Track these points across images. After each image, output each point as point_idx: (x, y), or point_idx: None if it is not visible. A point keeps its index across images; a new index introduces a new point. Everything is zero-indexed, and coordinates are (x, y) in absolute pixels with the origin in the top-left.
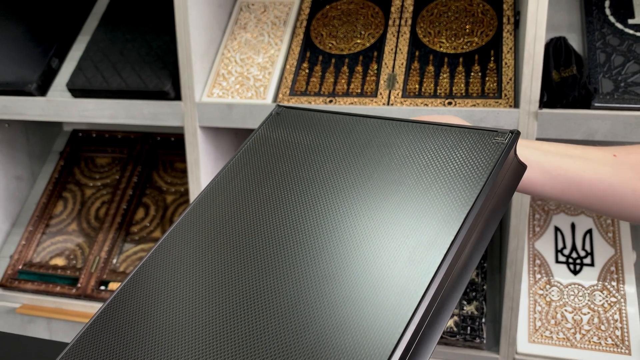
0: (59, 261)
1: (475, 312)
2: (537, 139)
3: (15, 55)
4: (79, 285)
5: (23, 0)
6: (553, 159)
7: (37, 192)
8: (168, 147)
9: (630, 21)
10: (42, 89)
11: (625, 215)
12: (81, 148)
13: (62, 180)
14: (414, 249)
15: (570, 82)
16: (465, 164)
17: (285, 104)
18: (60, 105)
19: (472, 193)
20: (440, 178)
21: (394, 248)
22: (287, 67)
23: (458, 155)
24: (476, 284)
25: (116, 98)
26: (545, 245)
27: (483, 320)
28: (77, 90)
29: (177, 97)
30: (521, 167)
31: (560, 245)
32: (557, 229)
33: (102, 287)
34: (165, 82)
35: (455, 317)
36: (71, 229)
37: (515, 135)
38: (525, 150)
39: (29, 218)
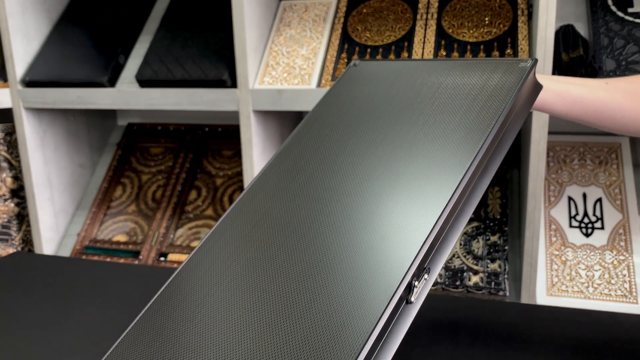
0: (121, 237)
1: (498, 269)
2: None
3: (87, 55)
4: (140, 257)
5: (91, 8)
6: (561, 85)
7: (97, 178)
8: (216, 137)
9: (630, 9)
10: (112, 82)
11: (616, 127)
12: (136, 139)
13: (120, 167)
14: (459, 143)
15: (577, 62)
16: (500, 82)
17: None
18: (129, 95)
19: (506, 99)
20: (482, 95)
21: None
22: (328, 57)
23: (495, 77)
24: (498, 245)
25: (179, 87)
26: (560, 213)
27: (505, 276)
28: (145, 81)
29: (233, 85)
30: (539, 86)
31: (573, 212)
32: (570, 199)
33: (162, 258)
34: (223, 71)
35: (481, 274)
36: (130, 210)
37: (535, 61)
38: (541, 78)
39: (92, 201)
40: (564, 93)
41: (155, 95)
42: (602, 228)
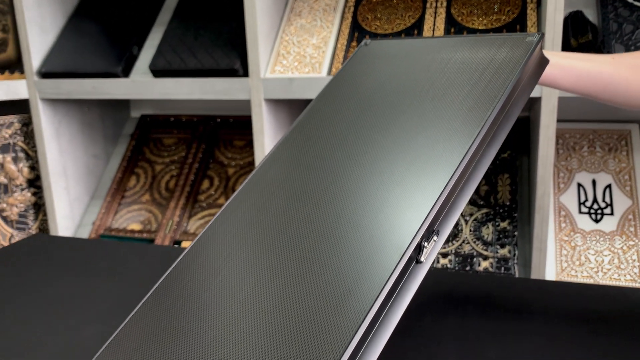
0: (135, 226)
1: (508, 255)
2: (559, 98)
3: (101, 47)
4: (155, 244)
5: (105, 1)
6: (568, 60)
7: (111, 169)
8: (227, 127)
9: None
10: (126, 72)
11: (620, 101)
12: (149, 130)
13: (134, 158)
14: (468, 111)
15: (586, 48)
16: (507, 56)
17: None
18: (142, 85)
19: (513, 72)
20: (490, 68)
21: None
22: (339, 45)
23: (502, 52)
24: (508, 231)
25: (192, 77)
26: (569, 199)
27: (515, 261)
28: (158, 70)
29: (245, 74)
30: (545, 60)
31: (582, 199)
32: (579, 185)
33: (176, 246)
34: (234, 60)
35: (490, 259)
36: (144, 199)
37: (541, 35)
38: (547, 54)
39: (106, 190)
40: (571, 67)
41: (169, 85)
42: (612, 214)
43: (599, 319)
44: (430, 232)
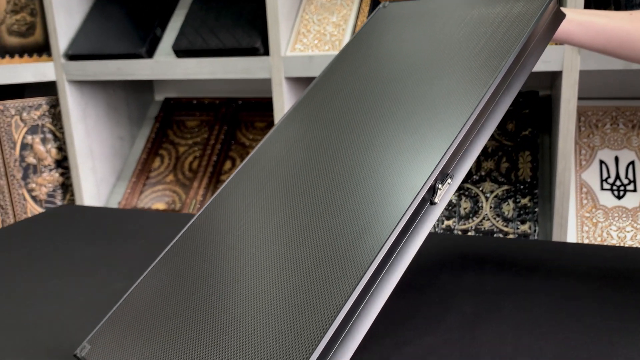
0: (160, 205)
1: (529, 231)
2: (580, 71)
3: (126, 29)
4: None
5: None
6: (585, 16)
7: (136, 151)
8: (249, 109)
9: None
10: (150, 53)
11: (637, 57)
12: (173, 113)
13: (158, 140)
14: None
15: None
16: (523, 10)
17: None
18: (166, 65)
19: (528, 25)
20: (505, 22)
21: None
22: (358, 23)
23: (518, 6)
24: (528, 207)
25: (213, 57)
26: (591, 176)
27: (535, 237)
28: (181, 51)
29: (266, 53)
30: (561, 14)
31: (605, 175)
32: (601, 162)
33: None
34: (255, 39)
35: (511, 236)
36: (169, 180)
37: None
38: (565, 10)
39: (132, 172)
40: (588, 23)
41: (191, 65)
42: (635, 190)
43: (617, 276)
44: (444, 175)
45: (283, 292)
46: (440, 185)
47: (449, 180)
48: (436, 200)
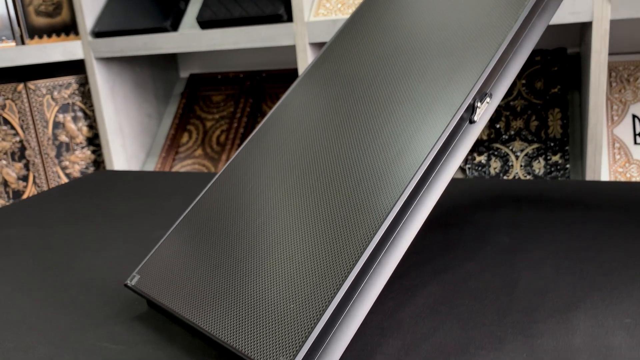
0: None
1: None
2: (611, 21)
3: (150, 4)
4: None
5: None
6: None
7: (164, 127)
8: (273, 81)
9: None
10: (174, 26)
11: None
12: (198, 89)
13: (185, 115)
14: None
15: None
16: None
17: None
18: (191, 38)
19: None
20: None
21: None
22: None
23: None
24: (559, 164)
25: (237, 26)
26: (624, 131)
27: None
28: (205, 22)
29: (289, 19)
30: None
31: (638, 130)
32: (634, 117)
33: None
34: (278, 6)
35: None
36: (197, 154)
37: None
38: None
39: (161, 147)
40: None
41: (216, 36)
42: None
43: None
44: (483, 94)
45: (325, 212)
46: (479, 104)
47: (488, 99)
48: (475, 118)
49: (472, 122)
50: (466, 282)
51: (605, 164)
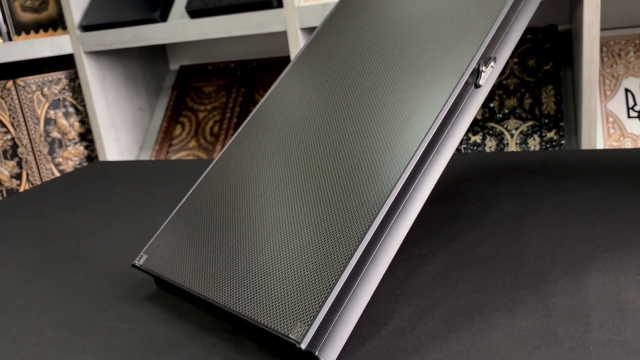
0: None
1: None
2: None
3: None
4: None
5: None
6: None
7: (157, 120)
8: (264, 70)
9: None
10: (164, 17)
11: None
12: (189, 80)
13: (177, 108)
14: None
15: None
16: None
17: None
18: (180, 28)
19: None
20: None
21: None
22: None
23: None
24: (555, 140)
25: (228, 14)
26: (617, 105)
27: None
28: (195, 11)
29: (279, 5)
30: None
31: (631, 103)
32: (627, 90)
33: None
34: None
35: None
36: (191, 145)
37: None
38: None
39: (154, 140)
40: None
41: (206, 24)
42: None
43: None
44: (487, 58)
45: (334, 181)
46: (484, 68)
47: (492, 63)
48: (481, 82)
49: (477, 86)
50: (474, 249)
51: (600, 139)
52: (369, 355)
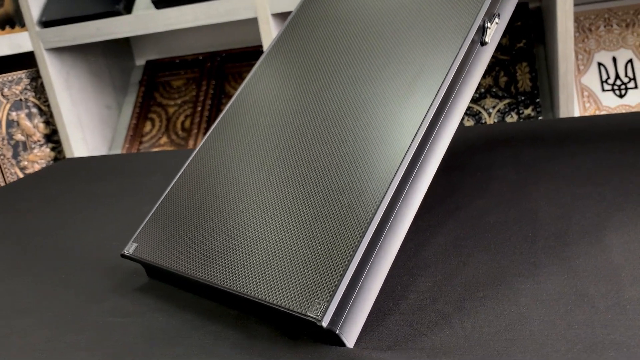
0: None
1: None
2: None
3: None
4: None
5: None
6: None
7: (125, 117)
8: (234, 61)
9: None
10: (128, 9)
11: None
12: (157, 75)
13: (146, 104)
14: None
15: None
16: None
17: None
18: (146, 19)
19: None
20: None
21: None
22: None
23: None
24: (532, 117)
25: (195, 3)
26: (591, 79)
27: None
28: (161, 1)
29: None
30: None
31: (604, 77)
32: (599, 64)
33: None
34: None
35: None
36: (162, 142)
37: None
38: None
39: (124, 138)
40: None
41: (172, 15)
42: (636, 87)
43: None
44: (492, 14)
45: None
46: (489, 24)
47: (497, 19)
48: (487, 39)
49: (483, 43)
50: (483, 217)
51: (576, 113)
52: (392, 331)
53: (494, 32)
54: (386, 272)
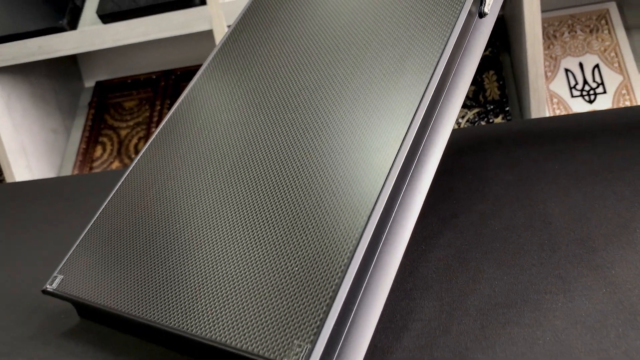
0: None
1: None
2: None
3: (40, 2)
4: None
5: None
6: None
7: (74, 141)
8: (190, 79)
9: None
10: (72, 24)
11: None
12: (107, 96)
13: (96, 127)
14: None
15: None
16: None
17: None
18: (92, 35)
19: None
20: None
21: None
22: None
23: None
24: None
25: (145, 16)
26: (559, 86)
27: None
28: (107, 15)
29: (202, 2)
30: None
31: (572, 83)
32: (567, 70)
33: None
34: None
35: None
36: (114, 167)
37: None
38: None
39: (72, 164)
40: None
41: (121, 29)
42: (605, 92)
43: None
44: None
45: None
46: None
47: None
48: (486, 10)
49: (482, 15)
50: (486, 224)
51: None
52: None
53: (493, 2)
54: (384, 297)
